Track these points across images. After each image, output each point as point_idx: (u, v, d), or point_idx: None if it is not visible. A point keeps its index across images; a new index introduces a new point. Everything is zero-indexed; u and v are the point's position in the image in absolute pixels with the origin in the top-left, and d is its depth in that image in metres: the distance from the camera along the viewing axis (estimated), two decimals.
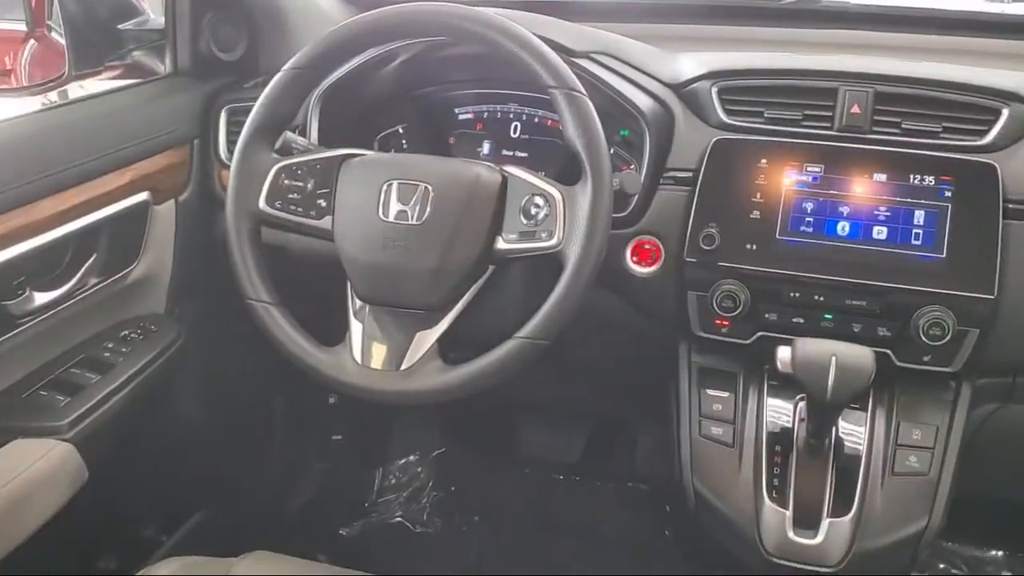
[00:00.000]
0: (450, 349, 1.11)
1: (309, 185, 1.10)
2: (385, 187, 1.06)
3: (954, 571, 1.84)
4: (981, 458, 1.23)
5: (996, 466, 1.37)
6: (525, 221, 1.04)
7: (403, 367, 1.06)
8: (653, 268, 1.20)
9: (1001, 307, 1.08)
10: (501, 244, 1.05)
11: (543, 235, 1.03)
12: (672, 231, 1.19)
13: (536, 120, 1.36)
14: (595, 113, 1.03)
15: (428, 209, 1.04)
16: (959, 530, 1.80)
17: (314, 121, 1.26)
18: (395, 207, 1.05)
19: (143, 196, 1.29)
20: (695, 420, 1.20)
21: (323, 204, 1.09)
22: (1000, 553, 1.87)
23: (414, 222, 1.04)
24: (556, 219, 1.02)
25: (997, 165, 1.09)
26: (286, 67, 1.11)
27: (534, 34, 1.06)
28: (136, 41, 1.44)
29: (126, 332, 1.32)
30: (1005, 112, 1.12)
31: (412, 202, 1.05)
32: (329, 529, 1.91)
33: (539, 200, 1.04)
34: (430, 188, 1.05)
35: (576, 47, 1.22)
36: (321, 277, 1.12)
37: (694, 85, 1.23)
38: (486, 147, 1.37)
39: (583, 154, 1.02)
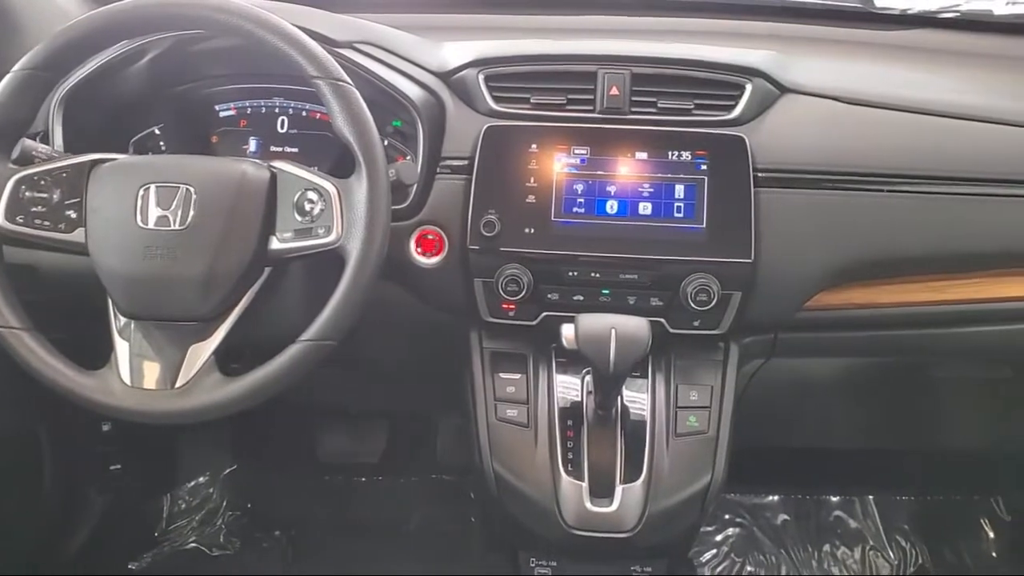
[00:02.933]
0: (233, 359, 1.06)
1: (55, 196, 1.01)
2: (142, 192, 0.99)
3: (738, 520, 1.99)
4: (753, 411, 1.32)
5: (766, 417, 1.48)
6: (300, 218, 1.01)
7: (178, 384, 1.00)
8: (438, 258, 1.19)
9: (759, 270, 1.16)
10: (276, 244, 1.01)
11: (320, 231, 1.00)
12: (453, 220, 1.19)
13: (304, 114, 1.32)
14: (363, 103, 1.01)
15: (192, 212, 0.98)
16: (739, 481, 1.94)
17: (57, 126, 1.16)
18: (154, 213, 0.98)
19: None
20: (491, 404, 1.20)
21: (73, 216, 1.01)
22: (777, 498, 2.03)
23: (177, 227, 0.98)
24: (333, 214, 0.99)
25: (745, 137, 1.17)
26: (16, 68, 1.01)
27: (294, 24, 1.02)
28: None
29: None
30: (748, 87, 1.20)
31: (173, 206, 0.99)
32: (116, 565, 1.77)
33: (313, 195, 1.01)
34: (192, 190, 0.99)
35: (339, 37, 1.20)
36: (78, 295, 1.04)
37: (461, 73, 1.23)
38: (252, 144, 1.31)
39: (355, 145, 0.99)
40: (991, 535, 1.98)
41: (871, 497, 2.02)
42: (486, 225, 1.15)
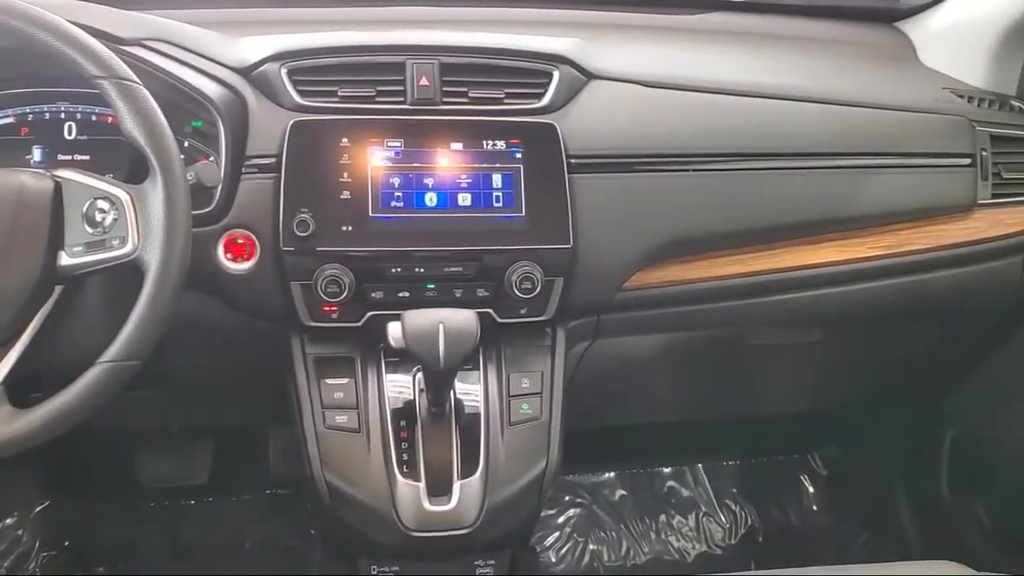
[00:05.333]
0: (32, 388, 0.97)
1: None
2: None
3: (578, 500, 2.03)
4: (583, 392, 1.34)
5: (596, 397, 1.51)
6: (91, 230, 0.93)
7: None
8: (250, 263, 1.14)
9: (578, 255, 1.18)
10: (65, 260, 0.93)
11: (115, 243, 0.93)
12: (264, 222, 1.13)
13: (94, 118, 1.22)
14: (154, 102, 0.95)
15: None
16: (576, 461, 1.98)
17: None
18: None
19: None
20: (318, 412, 1.16)
21: None
22: (613, 474, 2.09)
23: None
24: (127, 223, 0.93)
25: (556, 124, 1.18)
26: None
27: (72, 21, 0.94)
28: None
29: None
30: (556, 74, 1.22)
31: None
32: None
33: (104, 204, 0.93)
34: None
35: (125, 34, 1.12)
36: None
37: (263, 68, 1.18)
38: (37, 154, 1.20)
39: (146, 147, 0.93)
40: (811, 490, 2.12)
41: (700, 465, 2.12)
42: (299, 225, 1.10)
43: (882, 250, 1.33)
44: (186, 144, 1.15)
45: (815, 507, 2.10)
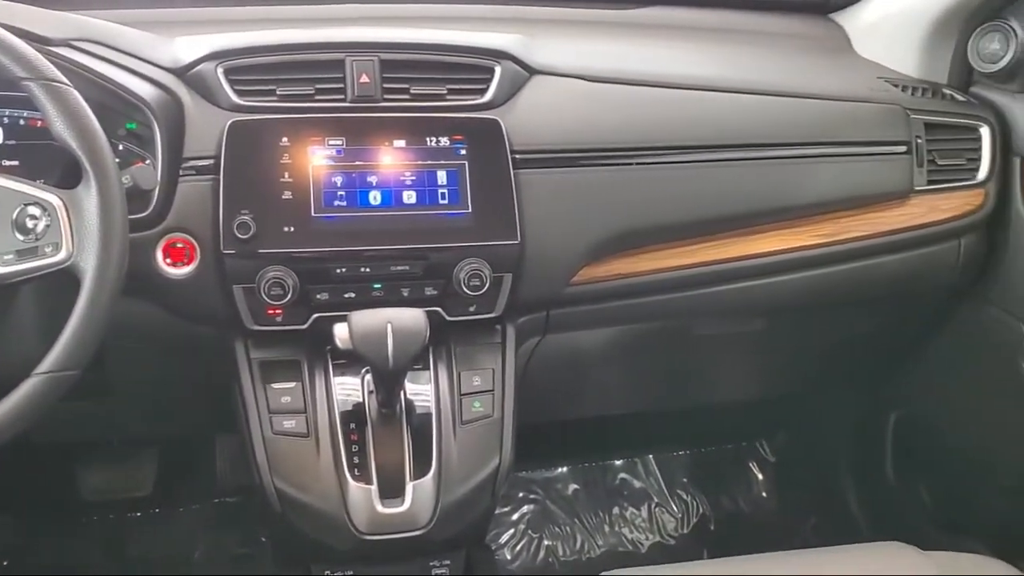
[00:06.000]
0: None
1: None
2: None
3: (532, 496, 2.03)
4: (535, 388, 1.34)
5: (548, 392, 1.51)
6: (22, 237, 0.90)
7: None
8: (190, 267, 1.11)
9: (526, 251, 1.17)
10: None
11: (48, 249, 0.90)
12: (204, 225, 1.10)
13: (23, 122, 1.17)
14: (84, 104, 0.92)
15: None
16: (529, 458, 1.98)
17: None
18: None
19: None
20: (265, 418, 1.13)
21: None
22: (566, 469, 2.09)
23: None
24: (60, 229, 0.90)
25: (499, 120, 1.17)
26: None
27: None
28: None
29: None
30: (498, 69, 1.21)
31: None
32: None
33: (35, 210, 0.90)
34: None
35: (53, 35, 1.08)
36: None
37: (198, 67, 1.15)
38: None
39: (78, 151, 0.90)
40: (760, 476, 2.15)
41: (651, 456, 2.13)
42: (240, 227, 1.08)
43: (822, 238, 1.35)
44: (121, 147, 1.12)
45: (764, 494, 2.13)
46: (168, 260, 1.10)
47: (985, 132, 1.39)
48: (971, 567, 1.18)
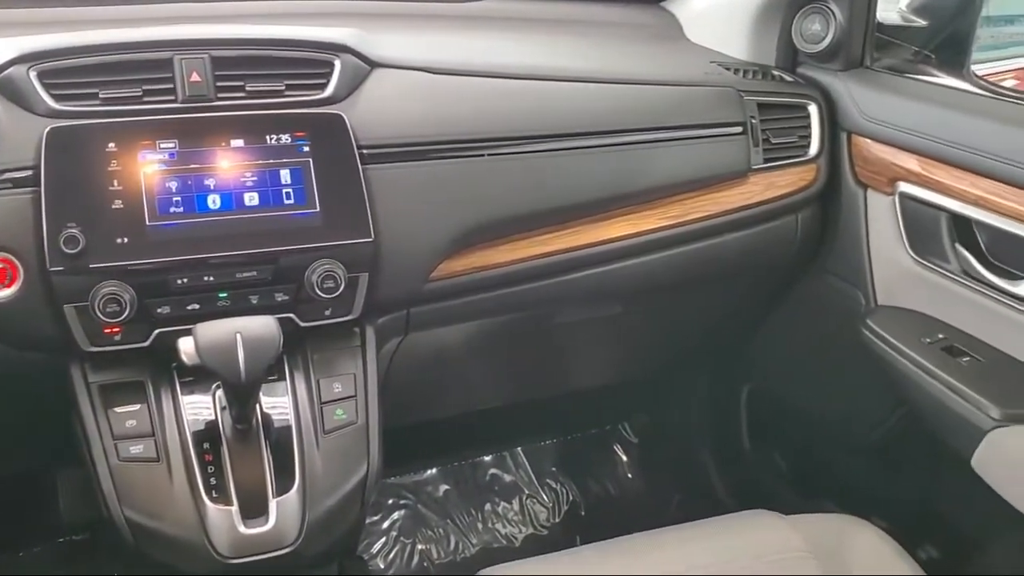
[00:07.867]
0: None
1: None
2: None
3: (402, 501, 1.99)
4: (399, 390, 1.31)
5: (413, 393, 1.49)
6: None
7: None
8: (12, 289, 1.02)
9: (381, 248, 1.14)
10: None
11: None
12: (25, 242, 1.02)
13: None
14: None
15: None
16: (398, 462, 1.94)
17: None
18: None
19: None
20: (110, 445, 1.06)
21: None
22: (436, 470, 2.07)
23: None
24: None
25: (343, 114, 1.14)
26: None
27: None
28: None
29: None
30: (338, 63, 1.17)
31: None
32: None
33: None
34: None
35: None
36: None
37: (8, 72, 1.06)
38: None
39: None
40: (624, 458, 2.19)
41: (520, 449, 2.14)
42: (67, 241, 0.99)
43: (670, 220, 1.38)
44: None
45: (630, 475, 2.18)
46: None
47: (813, 110, 1.45)
48: (829, 526, 1.23)
